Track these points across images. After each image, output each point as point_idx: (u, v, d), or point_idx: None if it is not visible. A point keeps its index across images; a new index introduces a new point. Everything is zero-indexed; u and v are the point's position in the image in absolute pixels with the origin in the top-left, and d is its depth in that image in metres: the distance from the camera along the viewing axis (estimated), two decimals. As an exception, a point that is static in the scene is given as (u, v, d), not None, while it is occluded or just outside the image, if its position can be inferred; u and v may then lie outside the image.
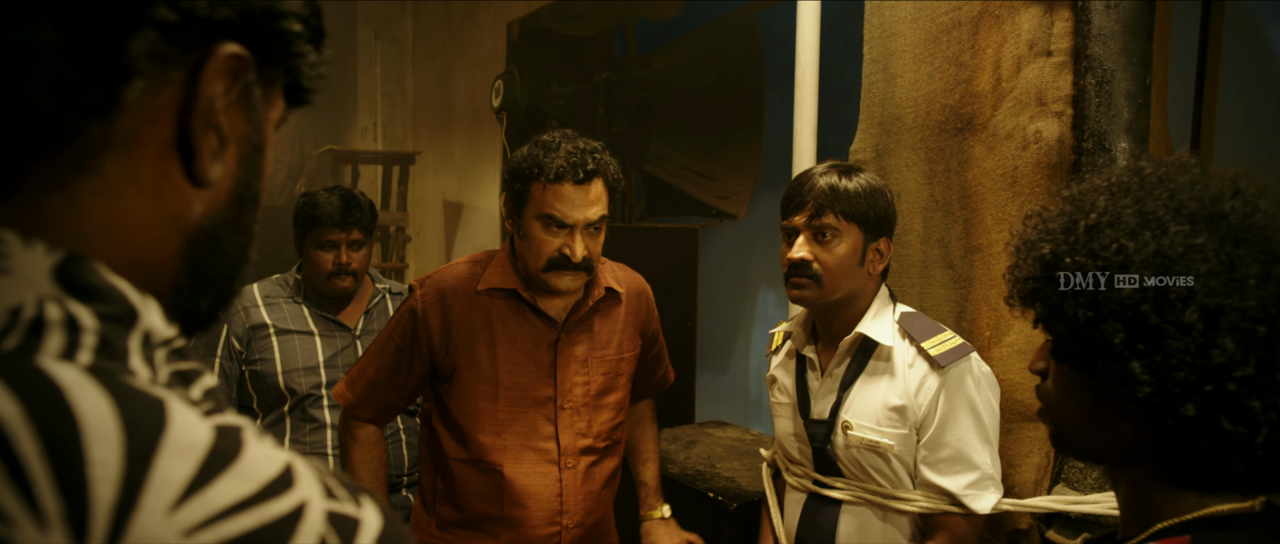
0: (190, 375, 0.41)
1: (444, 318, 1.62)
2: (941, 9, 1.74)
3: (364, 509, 0.40)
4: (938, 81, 1.75)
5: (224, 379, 2.05)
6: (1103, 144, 1.50)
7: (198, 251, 0.46)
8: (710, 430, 2.67)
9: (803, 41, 2.09)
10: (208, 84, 0.43)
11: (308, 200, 2.09)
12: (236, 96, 0.45)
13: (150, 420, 0.34)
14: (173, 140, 0.43)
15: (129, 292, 0.40)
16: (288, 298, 2.13)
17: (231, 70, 0.43)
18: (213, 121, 0.44)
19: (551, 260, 1.55)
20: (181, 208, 0.44)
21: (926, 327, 1.49)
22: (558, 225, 1.53)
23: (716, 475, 2.19)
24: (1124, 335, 0.72)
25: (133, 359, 0.37)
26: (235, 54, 0.43)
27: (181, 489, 0.33)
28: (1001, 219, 1.62)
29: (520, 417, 1.62)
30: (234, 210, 0.48)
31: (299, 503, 0.36)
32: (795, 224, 1.48)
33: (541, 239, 1.55)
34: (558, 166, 1.51)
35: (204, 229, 0.46)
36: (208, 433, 0.35)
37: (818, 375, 1.57)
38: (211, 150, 0.44)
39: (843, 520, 1.52)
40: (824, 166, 1.50)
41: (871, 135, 1.92)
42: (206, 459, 0.34)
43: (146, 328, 0.39)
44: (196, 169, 0.44)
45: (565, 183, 1.52)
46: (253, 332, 2.06)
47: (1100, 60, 1.50)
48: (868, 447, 1.48)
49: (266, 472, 0.36)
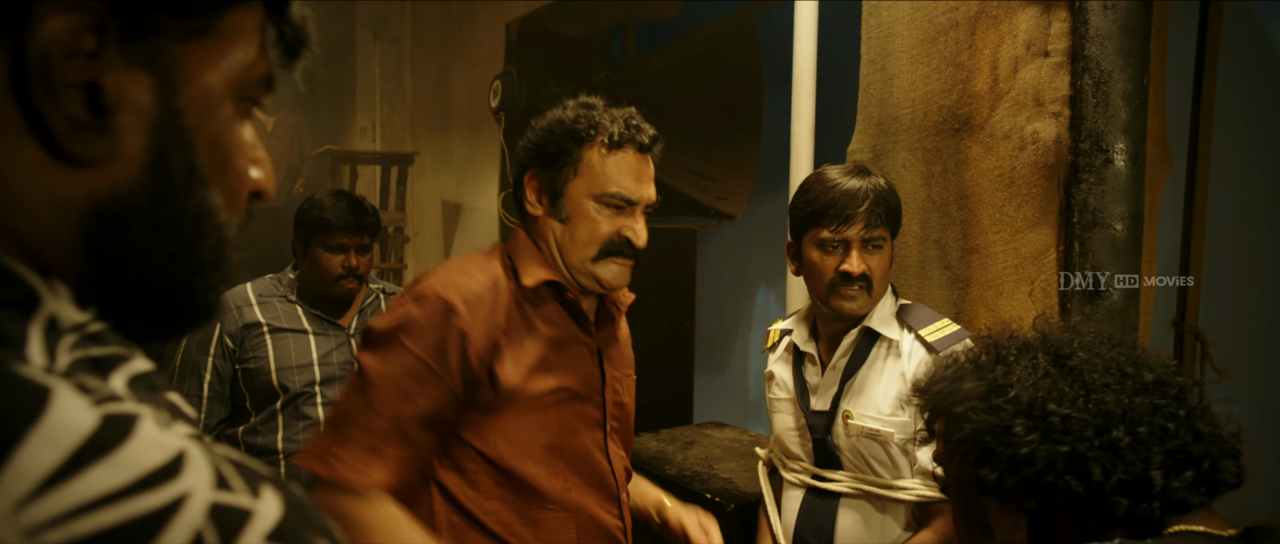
0: (110, 361, 0.39)
1: (489, 325, 1.23)
2: (939, 9, 1.74)
3: (261, 500, 0.37)
4: (935, 82, 1.75)
5: (217, 378, 2.05)
6: (1100, 145, 1.50)
7: (97, 237, 0.41)
8: (708, 431, 2.67)
9: (800, 42, 2.09)
10: (34, 44, 0.38)
11: (314, 204, 2.10)
12: (119, 57, 0.40)
13: (23, 409, 0.32)
14: (18, 116, 0.39)
15: (29, 276, 0.38)
16: (281, 297, 2.14)
17: (87, 28, 0.38)
18: (59, 87, 0.39)
19: (608, 245, 1.27)
20: (61, 192, 0.40)
21: (924, 315, 1.53)
22: (622, 202, 1.27)
23: (714, 476, 2.19)
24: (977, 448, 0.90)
25: (30, 346, 0.36)
26: (74, 5, 0.38)
27: (36, 483, 0.31)
28: (999, 220, 1.62)
29: (578, 447, 1.31)
30: (150, 187, 0.42)
31: (178, 495, 0.34)
32: (847, 237, 1.47)
33: (595, 219, 1.27)
34: (620, 130, 1.27)
35: (100, 213, 0.41)
36: (91, 421, 0.33)
37: (817, 369, 1.59)
38: (72, 121, 0.39)
39: (841, 514, 1.53)
40: (850, 172, 1.50)
41: (869, 136, 1.92)
42: (79, 449, 0.32)
43: (51, 313, 0.38)
44: (59, 145, 0.39)
45: (628, 150, 1.27)
46: (246, 330, 2.06)
47: (1097, 61, 1.49)
48: (868, 435, 1.50)
49: (148, 461, 0.34)
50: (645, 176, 1.30)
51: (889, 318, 1.53)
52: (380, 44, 5.86)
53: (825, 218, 1.48)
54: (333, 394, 2.09)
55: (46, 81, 0.38)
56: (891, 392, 1.49)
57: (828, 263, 1.49)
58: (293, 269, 2.18)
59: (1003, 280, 1.63)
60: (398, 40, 5.87)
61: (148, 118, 0.42)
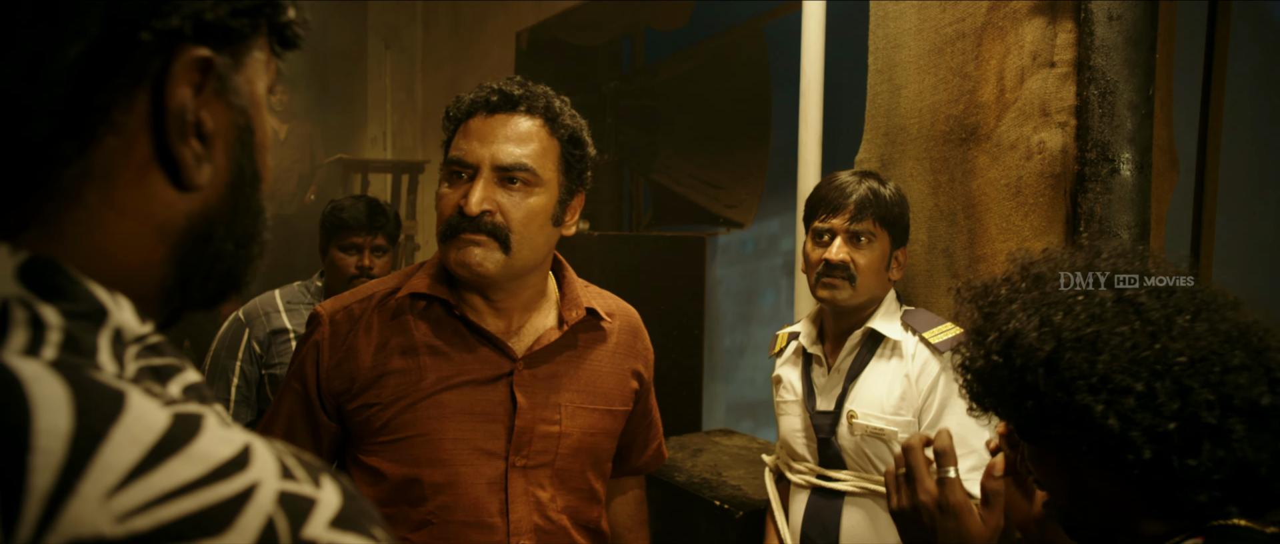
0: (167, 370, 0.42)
1: (347, 349, 1.14)
2: (945, 20, 1.75)
3: (323, 490, 0.39)
4: (942, 92, 1.76)
5: (244, 382, 2.09)
6: (1106, 155, 1.51)
7: (186, 252, 0.46)
8: (717, 439, 2.68)
9: (807, 52, 2.11)
10: (174, 96, 0.42)
11: (335, 206, 2.18)
12: (212, 92, 0.45)
13: (104, 410, 0.35)
14: (152, 156, 0.43)
15: (97, 290, 0.40)
16: (308, 304, 2.18)
17: (198, 72, 0.43)
18: (190, 130, 0.43)
19: (449, 223, 1.11)
20: (167, 218, 0.45)
21: (928, 319, 1.56)
22: (458, 168, 1.11)
23: (723, 484, 2.20)
24: (1104, 402, 0.75)
25: (101, 355, 0.38)
26: (197, 57, 0.43)
27: (123, 474, 0.34)
28: (1006, 229, 1.63)
29: (457, 481, 1.14)
30: (231, 200, 0.48)
31: (249, 484, 0.37)
32: (833, 226, 1.54)
33: (441, 194, 1.13)
34: (470, 100, 1.15)
35: (193, 230, 0.46)
36: (164, 420, 0.36)
37: (824, 371, 1.62)
38: (195, 156, 0.44)
39: (846, 513, 1.55)
40: (857, 174, 1.57)
41: (876, 145, 1.93)
42: (156, 445, 0.35)
43: (117, 325, 0.40)
44: (184, 179, 0.44)
45: (475, 116, 1.13)
46: (273, 336, 2.10)
47: (1103, 71, 1.51)
48: (872, 434, 1.52)
49: (219, 454, 0.37)
50: (495, 136, 1.10)
51: (893, 320, 1.57)
52: (391, 53, 5.91)
53: (818, 209, 1.56)
54: None
55: (182, 127, 0.43)
56: (895, 392, 1.51)
57: (816, 252, 1.55)
58: (319, 276, 2.24)
59: (1010, 289, 1.64)
60: (409, 50, 5.91)
61: (230, 138, 0.47)
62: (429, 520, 1.13)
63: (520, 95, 1.14)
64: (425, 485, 1.13)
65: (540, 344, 1.19)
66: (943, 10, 1.76)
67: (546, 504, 1.18)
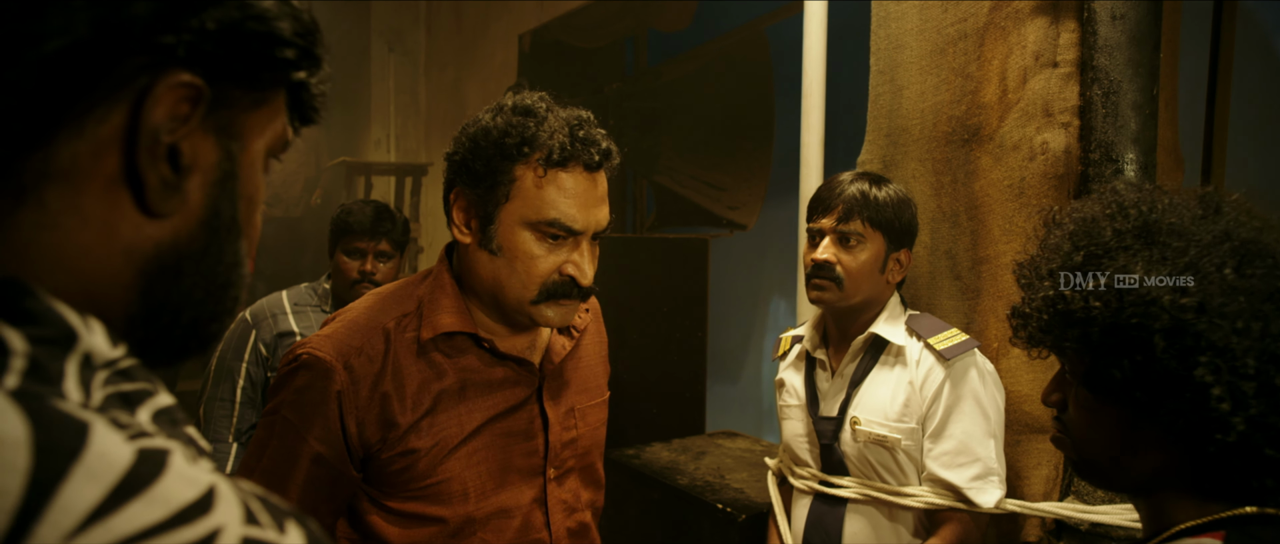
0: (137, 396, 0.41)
1: (381, 393, 1.07)
2: (948, 21, 1.74)
3: (287, 535, 0.39)
4: (944, 93, 1.75)
5: (249, 384, 2.09)
6: (1110, 155, 1.50)
7: (153, 282, 0.45)
8: (720, 441, 2.67)
9: (809, 53, 2.10)
10: (151, 115, 0.42)
11: (344, 210, 2.18)
12: (199, 124, 0.44)
13: (65, 445, 0.34)
14: (120, 172, 0.42)
15: (68, 313, 0.40)
16: (315, 307, 2.19)
17: (185, 99, 0.43)
18: (161, 152, 0.43)
19: (549, 286, 1.07)
20: (134, 240, 0.44)
21: (933, 324, 1.54)
22: (562, 233, 1.06)
23: (726, 487, 2.19)
24: (1209, 364, 0.71)
25: (66, 382, 0.37)
26: (185, 83, 0.42)
27: (82, 517, 0.33)
28: (1009, 230, 1.62)
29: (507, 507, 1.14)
30: (203, 239, 0.47)
31: (212, 529, 0.36)
32: (822, 226, 1.53)
33: (534, 254, 1.06)
34: (562, 144, 1.05)
35: (162, 260, 0.45)
36: (127, 456, 0.35)
37: (828, 375, 1.61)
38: (163, 181, 0.43)
39: (848, 520, 1.54)
40: (854, 174, 1.56)
41: (878, 146, 1.92)
42: (118, 484, 0.34)
43: (87, 349, 0.39)
44: (148, 201, 0.43)
45: (573, 168, 1.06)
46: (280, 339, 2.11)
47: (1106, 71, 1.50)
48: (875, 441, 1.50)
49: (182, 496, 0.35)
50: (593, 199, 1.08)
51: (898, 325, 1.55)
52: (394, 56, 5.92)
53: (813, 210, 1.56)
54: None
55: (153, 148, 0.43)
56: (899, 399, 1.50)
57: (809, 254, 1.54)
58: (327, 279, 2.24)
59: (1013, 290, 1.62)
60: (412, 52, 5.92)
61: (211, 177, 0.46)
62: None
63: (610, 152, 1.11)
64: (477, 520, 1.11)
65: (556, 356, 1.19)
66: (944, 10, 1.75)
67: (573, 504, 1.21)
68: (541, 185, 1.05)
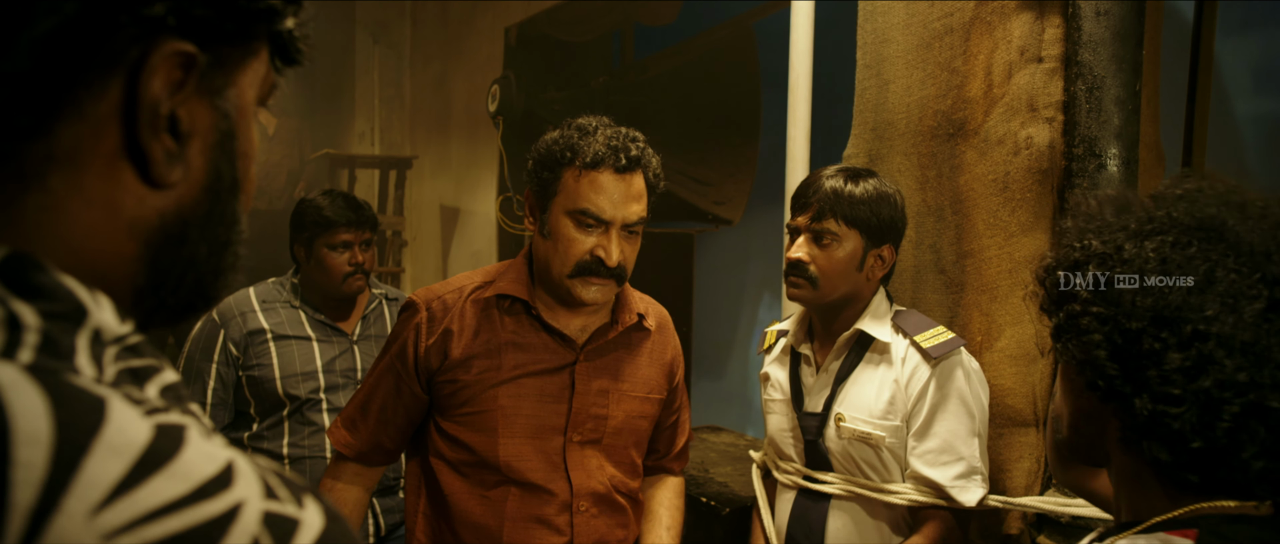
0: (145, 372, 0.41)
1: (443, 331, 1.39)
2: (934, 15, 1.75)
3: (306, 510, 0.39)
4: (930, 87, 1.76)
5: (221, 384, 2.04)
6: (1093, 150, 1.51)
7: (159, 252, 0.45)
8: (705, 435, 2.67)
9: (796, 47, 2.10)
10: (148, 87, 0.41)
11: (310, 205, 2.08)
12: (193, 89, 0.44)
13: (85, 420, 0.33)
14: (121, 147, 0.42)
15: (77, 289, 0.39)
16: (284, 303, 2.12)
17: (179, 66, 0.42)
18: (162, 124, 0.43)
19: (581, 264, 1.33)
20: (138, 213, 0.43)
21: (919, 322, 1.53)
22: (592, 221, 1.32)
23: (710, 481, 2.19)
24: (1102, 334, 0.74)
25: (79, 357, 0.37)
26: (177, 51, 0.42)
27: (108, 491, 0.33)
28: (993, 224, 1.63)
29: (527, 451, 1.39)
30: (206, 203, 0.47)
31: (234, 503, 0.36)
32: (798, 224, 1.52)
33: (571, 238, 1.33)
34: (596, 151, 1.31)
35: (166, 230, 0.45)
36: (146, 432, 0.35)
37: (813, 371, 1.60)
38: (167, 152, 0.43)
39: (832, 515, 1.54)
40: (834, 169, 1.54)
41: (864, 141, 1.93)
42: (140, 459, 0.34)
43: (96, 325, 0.39)
44: (153, 174, 0.43)
45: (603, 170, 1.32)
46: (250, 337, 2.04)
47: (1090, 67, 1.50)
48: (859, 438, 1.50)
49: (203, 471, 0.36)
50: (624, 196, 1.33)
51: (883, 322, 1.54)
52: (379, 48, 5.88)
53: (792, 206, 1.55)
54: (337, 401, 2.08)
55: (154, 120, 0.42)
56: (884, 396, 1.49)
57: (787, 252, 1.54)
58: (294, 273, 2.16)
59: (997, 284, 1.63)
60: (397, 45, 5.89)
61: (210, 140, 0.46)
62: (506, 480, 1.38)
63: (639, 159, 1.35)
64: (500, 452, 1.37)
65: (597, 341, 1.43)
66: (931, 5, 1.75)
67: (595, 473, 1.42)
68: (579, 183, 1.32)
